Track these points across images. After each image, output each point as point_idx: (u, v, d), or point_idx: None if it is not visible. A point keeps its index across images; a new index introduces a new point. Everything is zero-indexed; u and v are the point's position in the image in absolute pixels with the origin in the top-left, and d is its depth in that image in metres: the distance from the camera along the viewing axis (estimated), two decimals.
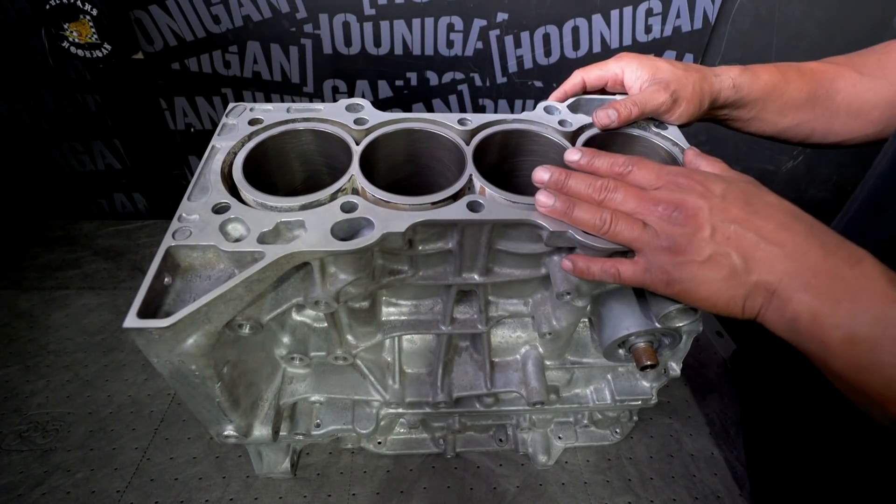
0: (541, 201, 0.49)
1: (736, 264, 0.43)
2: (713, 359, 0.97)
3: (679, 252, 0.44)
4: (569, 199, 0.49)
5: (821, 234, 0.43)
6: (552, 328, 0.62)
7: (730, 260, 0.43)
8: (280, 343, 0.62)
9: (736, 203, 0.44)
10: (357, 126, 0.59)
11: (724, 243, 0.43)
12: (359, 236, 0.48)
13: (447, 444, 0.79)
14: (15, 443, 0.79)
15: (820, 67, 0.65)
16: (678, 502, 0.76)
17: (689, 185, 0.46)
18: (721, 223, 0.43)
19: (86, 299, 1.01)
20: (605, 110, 0.59)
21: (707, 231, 0.43)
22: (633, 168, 0.48)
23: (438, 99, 1.13)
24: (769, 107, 0.64)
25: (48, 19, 0.94)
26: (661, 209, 0.45)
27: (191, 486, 0.75)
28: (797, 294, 0.41)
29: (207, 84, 1.10)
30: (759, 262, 0.42)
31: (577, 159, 0.51)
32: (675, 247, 0.44)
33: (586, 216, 0.48)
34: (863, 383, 0.40)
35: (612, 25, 1.04)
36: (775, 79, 0.63)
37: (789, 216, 0.44)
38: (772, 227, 0.43)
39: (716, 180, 0.46)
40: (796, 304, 0.41)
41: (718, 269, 0.43)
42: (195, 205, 0.50)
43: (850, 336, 0.39)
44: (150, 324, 0.42)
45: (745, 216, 0.43)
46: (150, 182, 1.26)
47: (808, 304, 0.41)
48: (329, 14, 1.01)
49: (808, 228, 0.43)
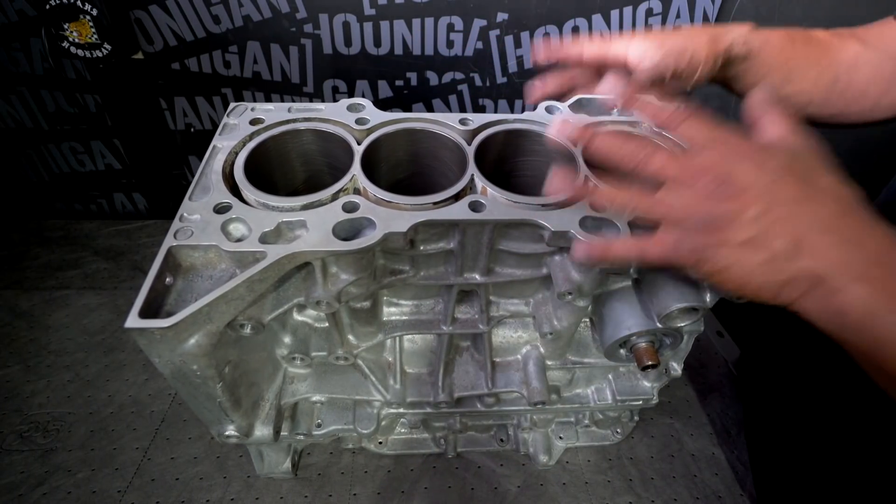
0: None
1: (779, 249, 0.39)
2: (714, 359, 0.97)
3: (717, 231, 0.40)
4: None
5: (880, 226, 0.39)
6: (553, 328, 0.62)
7: (773, 244, 0.39)
8: (281, 343, 0.62)
9: (792, 182, 0.40)
10: (358, 126, 0.59)
11: (770, 225, 0.39)
12: (360, 236, 0.48)
13: (448, 444, 0.79)
14: (16, 443, 0.79)
15: (826, 37, 0.64)
16: (679, 502, 0.76)
17: (744, 153, 0.41)
18: (771, 203, 0.39)
19: (86, 299, 1.01)
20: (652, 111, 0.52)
21: (753, 211, 0.39)
22: (685, 120, 0.43)
23: (438, 99, 1.13)
24: (775, 71, 0.62)
25: (48, 19, 0.94)
26: (706, 180, 0.40)
27: (192, 486, 0.75)
28: (850, 285, 0.38)
29: (207, 84, 1.10)
30: (809, 248, 0.38)
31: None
32: (713, 226, 0.40)
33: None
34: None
35: (612, 25, 1.04)
36: (784, 43, 0.61)
37: (848, 202, 0.40)
38: (828, 213, 0.39)
39: (772, 152, 0.41)
40: (848, 296, 0.38)
41: (757, 253, 0.39)
42: (196, 204, 0.50)
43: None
44: (151, 324, 0.42)
45: (801, 197, 0.39)
46: (150, 182, 1.26)
47: (861, 297, 0.37)
48: (329, 14, 1.01)
49: (868, 218, 0.40)
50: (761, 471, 0.78)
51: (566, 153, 0.60)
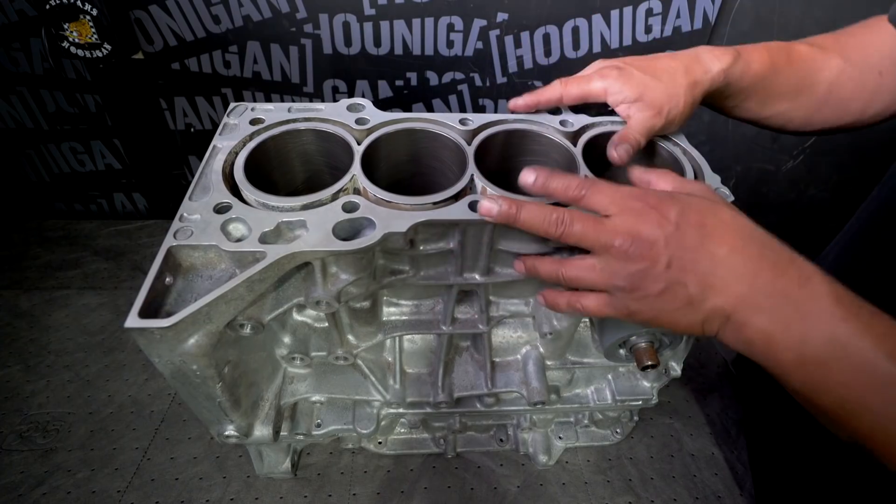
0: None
1: (692, 293, 0.43)
2: (714, 359, 0.97)
3: (637, 288, 0.44)
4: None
5: (772, 252, 0.43)
6: (553, 328, 0.62)
7: (686, 290, 0.43)
8: (281, 343, 0.62)
9: (690, 228, 0.43)
10: (358, 126, 0.59)
11: (679, 273, 0.43)
12: (360, 236, 0.48)
13: (448, 444, 0.79)
14: (16, 443, 0.79)
15: (809, 54, 0.63)
16: (679, 502, 0.76)
17: (645, 211, 0.44)
18: (676, 253, 0.43)
19: (86, 299, 1.01)
20: (618, 148, 0.57)
21: (663, 263, 0.43)
22: (587, 192, 0.46)
23: (438, 99, 1.13)
24: (754, 97, 0.63)
25: (48, 19, 0.94)
26: (618, 242, 0.44)
27: (191, 486, 0.75)
28: (750, 318, 0.42)
29: (207, 84, 1.10)
30: (713, 288, 0.43)
31: (532, 182, 0.48)
32: (632, 284, 0.44)
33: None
34: (817, 402, 0.41)
35: (612, 25, 1.04)
36: (765, 69, 0.61)
37: (742, 236, 0.44)
38: (725, 252, 0.43)
39: (671, 202, 0.45)
40: (750, 328, 0.42)
41: (675, 300, 0.44)
42: (196, 204, 0.50)
43: (801, 358, 0.40)
44: (151, 324, 0.42)
45: (699, 242, 0.43)
46: (150, 182, 1.26)
47: (760, 328, 0.41)
48: (329, 14, 1.01)
49: (760, 248, 0.43)
50: (760, 470, 0.78)
51: (566, 153, 0.60)
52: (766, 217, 1.37)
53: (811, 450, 0.69)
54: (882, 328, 0.39)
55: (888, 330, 0.39)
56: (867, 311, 0.40)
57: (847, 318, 0.39)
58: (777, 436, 0.77)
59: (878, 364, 0.38)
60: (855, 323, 0.39)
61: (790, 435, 0.74)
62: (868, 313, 0.40)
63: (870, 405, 0.38)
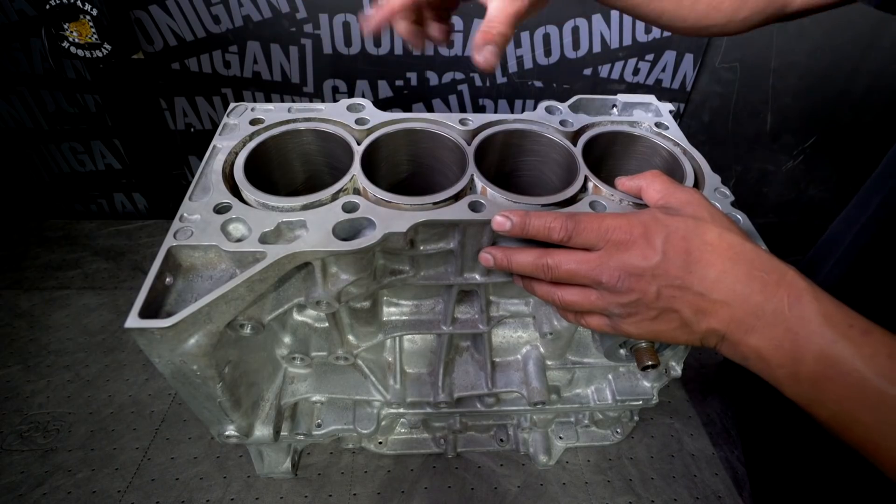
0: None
1: (686, 316, 0.45)
2: (714, 359, 0.97)
3: (633, 315, 0.46)
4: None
5: (761, 270, 0.43)
6: (553, 328, 0.62)
7: (679, 315, 0.45)
8: (281, 343, 0.62)
9: (677, 255, 0.44)
10: (358, 126, 0.59)
11: (670, 300, 0.44)
12: (360, 236, 0.48)
13: (448, 444, 0.79)
14: (16, 443, 0.79)
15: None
16: (679, 502, 0.76)
17: (630, 244, 0.45)
18: (664, 282, 0.44)
19: (86, 299, 1.01)
20: (482, 51, 0.49)
21: (652, 294, 0.44)
22: (573, 233, 0.47)
23: (438, 99, 1.13)
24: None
25: (48, 19, 0.94)
26: (605, 279, 0.45)
27: (192, 486, 0.75)
28: (743, 338, 0.43)
29: (207, 84, 1.10)
30: (705, 312, 0.44)
31: (509, 228, 0.47)
32: (627, 312, 0.46)
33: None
34: (813, 413, 0.42)
35: (612, 25, 1.04)
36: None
37: (729, 257, 0.44)
38: (714, 275, 0.43)
39: (656, 229, 0.45)
40: (744, 346, 0.43)
41: (669, 323, 0.46)
42: (197, 205, 0.50)
43: (794, 374, 0.41)
44: (151, 324, 0.42)
45: (687, 269, 0.44)
46: (150, 182, 1.26)
47: (753, 347, 0.43)
48: (329, 14, 1.01)
49: (749, 268, 0.43)
50: (757, 470, 0.78)
51: (566, 153, 0.60)
52: (766, 217, 1.38)
53: (808, 449, 0.69)
54: (873, 347, 0.39)
55: (879, 348, 0.39)
56: (858, 329, 0.40)
57: (836, 339, 0.40)
58: (770, 433, 0.77)
59: (870, 383, 0.38)
60: (845, 343, 0.39)
61: (783, 432, 0.74)
62: (859, 332, 0.40)
63: (863, 421, 0.39)
